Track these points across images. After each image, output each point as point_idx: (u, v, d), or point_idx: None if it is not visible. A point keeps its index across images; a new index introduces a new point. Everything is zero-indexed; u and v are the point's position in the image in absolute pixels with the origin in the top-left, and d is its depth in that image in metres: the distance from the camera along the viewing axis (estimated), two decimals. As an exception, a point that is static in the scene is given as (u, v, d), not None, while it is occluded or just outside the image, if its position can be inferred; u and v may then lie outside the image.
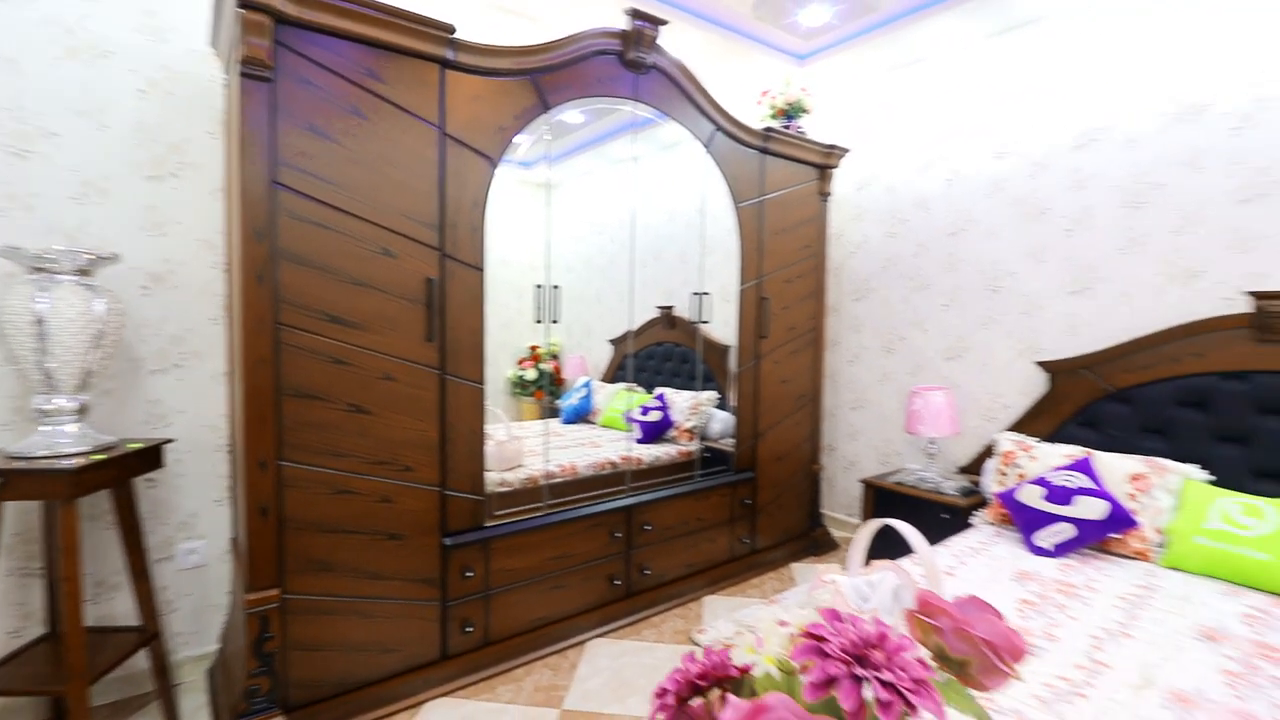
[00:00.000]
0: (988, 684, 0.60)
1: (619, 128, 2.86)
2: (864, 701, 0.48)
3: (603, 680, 2.31)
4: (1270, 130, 2.37)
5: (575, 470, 2.78)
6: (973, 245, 3.25)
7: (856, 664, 0.50)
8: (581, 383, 3.61)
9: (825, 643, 0.52)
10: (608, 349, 3.50)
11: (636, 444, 3.08)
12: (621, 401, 3.35)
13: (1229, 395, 2.44)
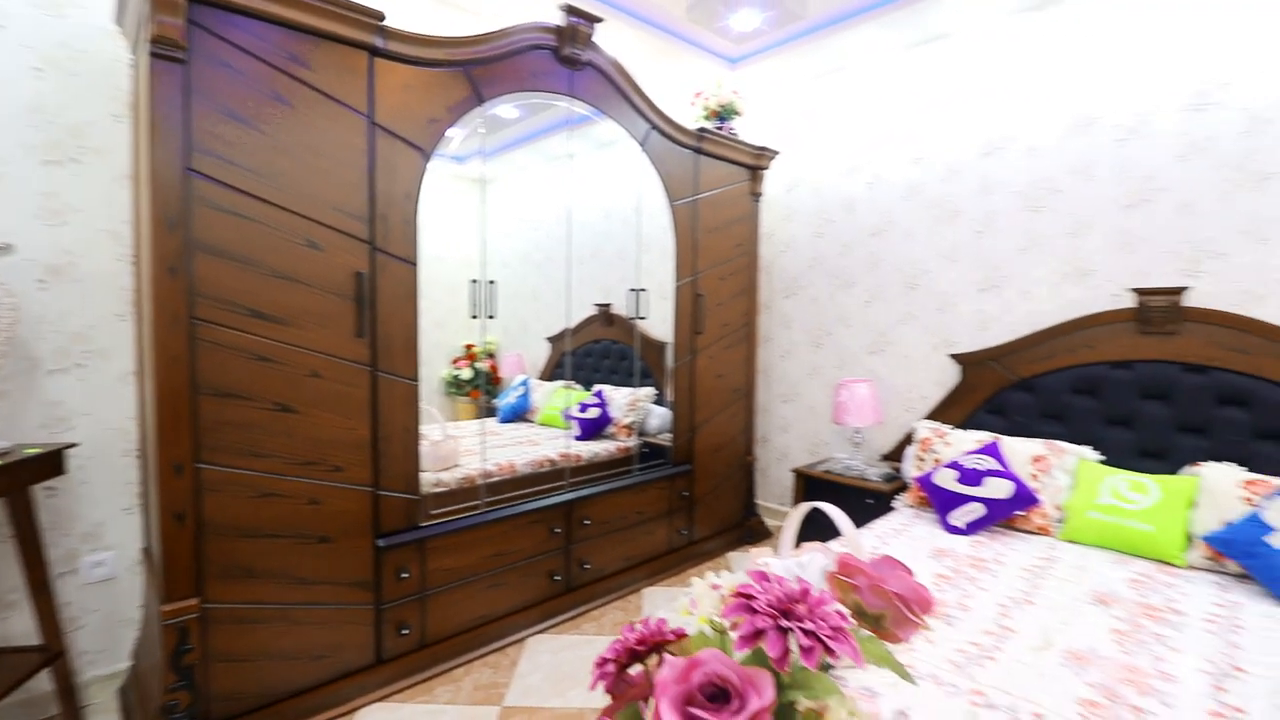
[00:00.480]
0: (901, 635, 0.66)
1: (555, 124, 2.86)
2: (788, 649, 0.52)
3: (543, 675, 2.31)
4: (1151, 142, 2.63)
5: (514, 468, 2.76)
6: (893, 245, 3.43)
7: (782, 617, 0.54)
8: (519, 381, 3.58)
9: (754, 600, 0.56)
10: (545, 347, 3.49)
11: (575, 441, 3.09)
12: (560, 399, 3.35)
13: (1117, 382, 2.69)
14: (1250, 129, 2.41)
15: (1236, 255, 2.46)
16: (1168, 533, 2.20)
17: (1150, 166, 2.64)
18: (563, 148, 2.89)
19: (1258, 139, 2.39)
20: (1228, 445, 2.41)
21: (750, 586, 0.58)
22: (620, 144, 2.96)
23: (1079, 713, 1.35)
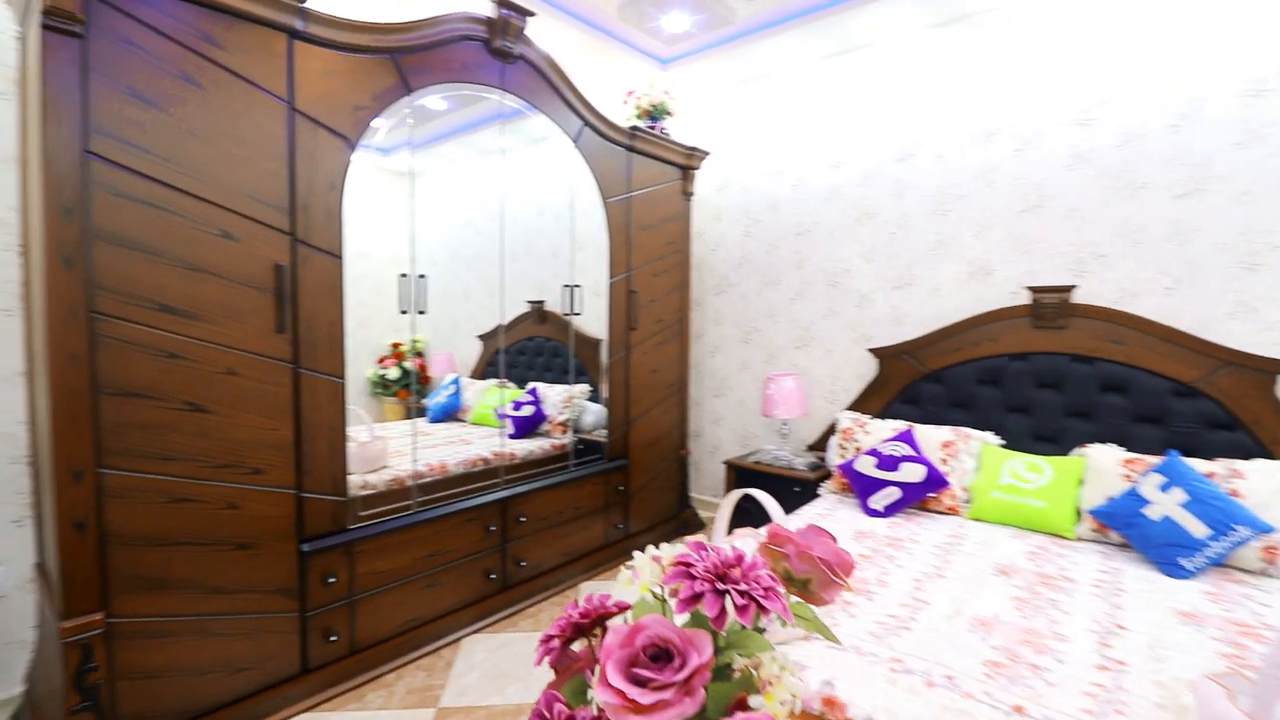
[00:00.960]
0: (827, 598, 0.71)
1: (486, 118, 2.82)
2: (724, 610, 0.56)
3: (480, 674, 2.29)
4: (1043, 153, 2.87)
5: (445, 468, 2.71)
6: (816, 245, 3.59)
7: (718, 581, 0.58)
8: (449, 380, 3.51)
9: (692, 566, 0.59)
10: (477, 345, 3.44)
11: (509, 439, 3.06)
12: (493, 398, 3.31)
13: (1015, 373, 2.92)
14: (1125, 143, 2.68)
15: (1115, 256, 2.73)
16: (1059, 509, 2.42)
17: (1042, 175, 2.88)
18: (494, 142, 2.86)
19: (1131, 152, 2.67)
20: (1110, 428, 2.67)
21: (688, 555, 0.61)
22: (553, 140, 2.96)
23: (984, 672, 1.48)
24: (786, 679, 0.59)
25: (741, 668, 0.60)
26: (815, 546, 0.70)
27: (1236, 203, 2.47)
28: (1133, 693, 1.40)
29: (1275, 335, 2.42)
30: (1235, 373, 2.45)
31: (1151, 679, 1.46)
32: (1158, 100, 2.60)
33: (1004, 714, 1.32)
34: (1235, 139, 2.46)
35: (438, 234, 3.09)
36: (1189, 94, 2.54)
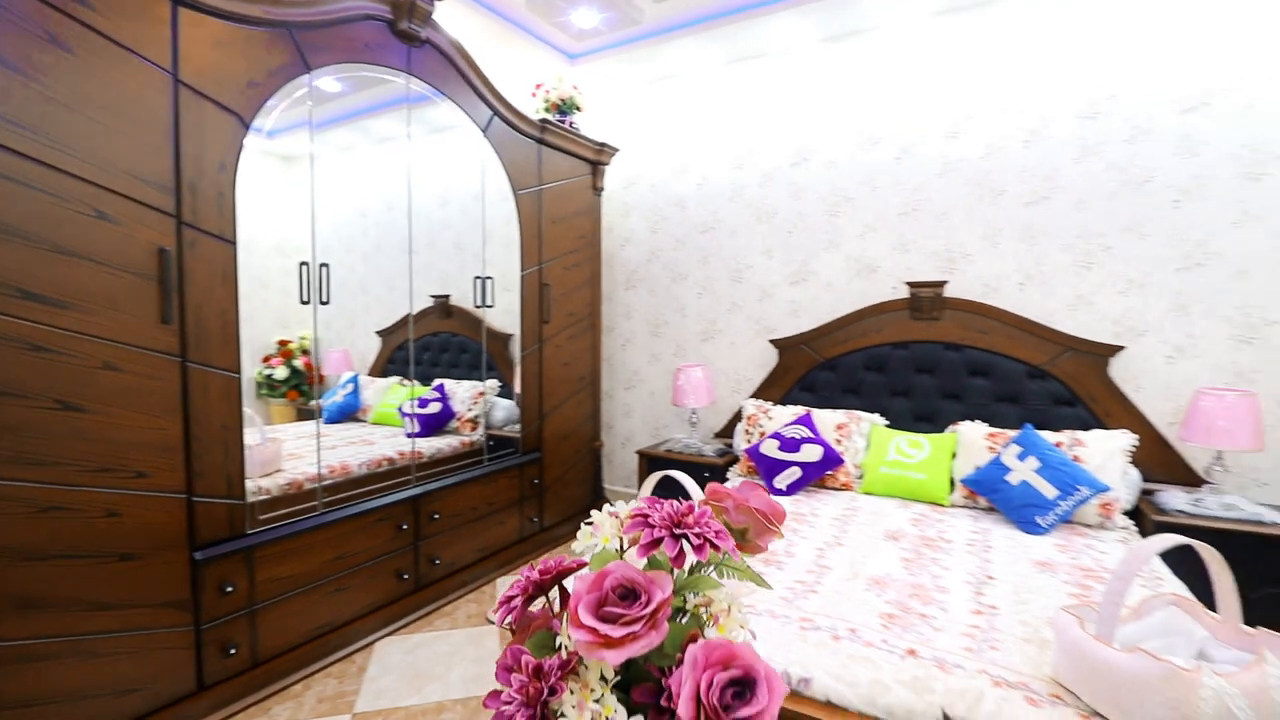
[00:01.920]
0: (763, 544, 0.79)
1: (386, 102, 2.72)
2: (682, 551, 0.61)
3: (396, 676, 2.22)
4: (918, 161, 3.18)
5: (348, 469, 2.58)
6: (720, 242, 3.76)
7: (674, 527, 0.64)
8: (346, 379, 3.34)
9: (649, 516, 0.65)
10: (375, 341, 3.29)
11: (415, 438, 2.96)
12: (396, 396, 3.19)
13: (897, 360, 3.22)
14: (987, 155, 3.03)
15: (978, 255, 3.08)
16: (936, 479, 2.71)
17: (918, 181, 3.20)
18: (396, 129, 2.76)
19: (992, 163, 3.02)
20: (976, 407, 3.02)
21: (643, 509, 0.67)
22: (458, 129, 2.90)
23: (881, 624, 1.65)
24: (734, 612, 0.65)
25: (693, 606, 0.66)
26: (751, 499, 0.77)
27: (1074, 209, 2.86)
28: (1003, 631, 1.62)
29: (1107, 324, 2.84)
30: (1075, 357, 2.84)
31: (1017, 619, 1.68)
32: (1014, 119, 2.96)
33: (899, 657, 1.48)
34: (1074, 154, 2.85)
35: (330, 224, 2.93)
36: (1039, 114, 2.91)
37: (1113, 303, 2.83)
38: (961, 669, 1.44)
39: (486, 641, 2.45)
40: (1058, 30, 2.85)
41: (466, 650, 2.39)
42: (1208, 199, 2.62)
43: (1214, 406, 2.40)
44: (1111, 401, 2.78)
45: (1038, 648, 1.53)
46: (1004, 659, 1.49)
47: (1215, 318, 2.64)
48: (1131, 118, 2.74)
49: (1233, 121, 2.56)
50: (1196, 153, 2.63)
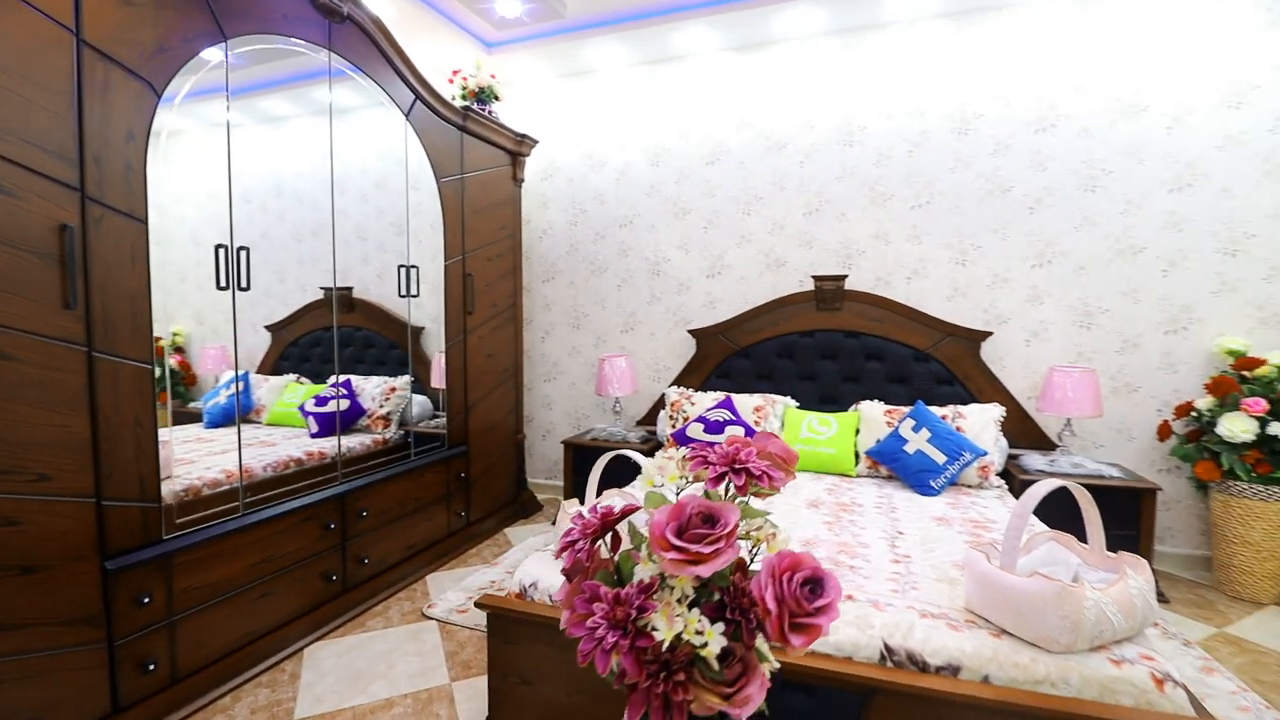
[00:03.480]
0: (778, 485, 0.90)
1: (288, 77, 2.55)
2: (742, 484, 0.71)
3: (335, 679, 2.13)
4: (819, 165, 3.48)
5: (250, 473, 2.37)
6: (639, 236, 3.88)
7: (732, 464, 0.73)
8: (230, 378, 3.10)
9: (707, 456, 0.74)
10: (264, 337, 3.07)
11: (319, 438, 2.79)
12: (293, 394, 2.99)
13: (804, 347, 3.51)
14: (879, 162, 3.37)
15: (871, 252, 3.43)
16: (844, 453, 2.99)
17: (820, 184, 3.50)
18: (287, 108, 2.60)
19: (882, 169, 3.37)
20: (872, 388, 3.36)
21: (699, 450, 0.75)
22: (366, 111, 2.74)
23: (820, 576, 1.83)
24: (779, 535, 0.76)
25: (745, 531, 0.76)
26: (769, 445, 0.88)
27: (951, 213, 3.27)
28: (919, 575, 1.86)
29: (978, 313, 3.27)
30: (953, 342, 3.25)
31: (928, 563, 1.94)
32: (900, 131, 3.33)
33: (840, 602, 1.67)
34: (950, 165, 3.26)
35: (208, 210, 2.69)
36: (920, 128, 3.29)
37: (982, 294, 3.27)
38: (893, 606, 1.65)
39: (426, 637, 2.40)
40: (935, 54, 3.24)
41: (407, 646, 2.33)
42: (1055, 206, 3.11)
43: (1064, 381, 2.85)
44: (983, 380, 3.21)
45: (949, 585, 1.78)
46: (925, 596, 1.72)
47: (1062, 307, 3.14)
48: (995, 135, 3.18)
49: (1073, 142, 3.06)
50: (1045, 167, 3.11)
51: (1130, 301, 3.04)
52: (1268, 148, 2.78)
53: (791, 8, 3.18)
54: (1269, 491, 2.56)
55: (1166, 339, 2.99)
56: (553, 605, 1.81)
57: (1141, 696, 1.36)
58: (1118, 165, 3.00)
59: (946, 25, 3.21)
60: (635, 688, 0.69)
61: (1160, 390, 3.02)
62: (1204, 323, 2.92)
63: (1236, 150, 2.82)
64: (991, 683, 1.44)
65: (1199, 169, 2.88)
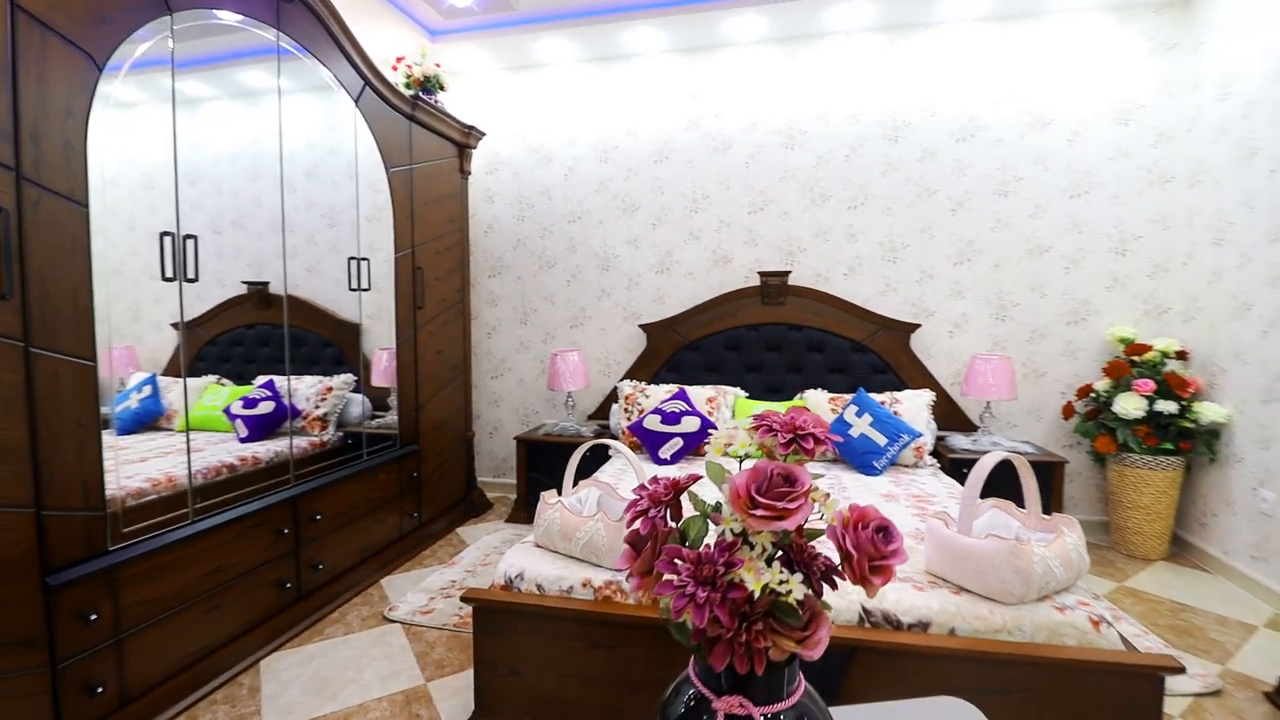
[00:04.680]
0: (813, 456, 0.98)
1: (218, 56, 2.39)
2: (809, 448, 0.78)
3: (300, 688, 2.03)
4: (762, 166, 3.64)
5: (173, 482, 2.19)
6: (587, 232, 3.91)
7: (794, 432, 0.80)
8: (139, 380, 2.86)
9: (772, 425, 0.80)
10: (172, 336, 2.84)
11: (249, 441, 2.61)
12: (215, 397, 2.79)
13: (751, 340, 3.66)
14: (817, 164, 3.57)
15: (812, 249, 3.63)
16: (794, 439, 3.15)
17: (764, 184, 3.66)
18: (199, 91, 2.42)
19: (821, 172, 3.57)
20: (813, 377, 3.55)
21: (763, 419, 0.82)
22: (287, 95, 2.60)
23: (794, 552, 1.95)
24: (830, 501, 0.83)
25: (803, 496, 0.83)
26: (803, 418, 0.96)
27: (883, 214, 3.52)
28: (880, 544, 2.01)
29: (907, 307, 3.53)
30: (886, 334, 3.50)
31: (886, 534, 2.10)
32: (837, 136, 3.54)
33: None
34: (882, 169, 3.50)
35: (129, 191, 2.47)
36: (856, 134, 3.51)
37: (911, 289, 3.53)
38: (865, 575, 1.78)
39: (392, 640, 2.33)
40: (870, 65, 3.47)
41: (373, 651, 2.26)
42: (973, 209, 3.41)
43: (984, 368, 3.14)
44: (913, 369, 3.47)
45: (908, 553, 1.94)
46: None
47: (980, 301, 3.45)
48: (922, 143, 3.44)
49: (989, 151, 3.37)
50: (965, 173, 3.40)
51: (1038, 296, 3.38)
52: (1150, 160, 3.18)
53: (737, 14, 3.31)
54: (1157, 461, 2.94)
55: (1068, 329, 3.36)
56: (540, 594, 1.82)
57: (1082, 637, 1.55)
58: (1027, 173, 3.33)
59: (880, 39, 3.44)
60: (717, 640, 0.74)
61: (1064, 375, 3.38)
62: (1099, 314, 3.31)
63: (1125, 162, 3.21)
64: (957, 634, 1.60)
65: (1095, 178, 3.25)
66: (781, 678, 0.78)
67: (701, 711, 0.79)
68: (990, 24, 3.32)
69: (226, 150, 2.60)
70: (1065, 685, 1.50)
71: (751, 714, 0.76)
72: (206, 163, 2.67)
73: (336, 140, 2.81)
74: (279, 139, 2.50)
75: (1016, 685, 1.52)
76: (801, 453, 0.79)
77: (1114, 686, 1.49)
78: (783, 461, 0.77)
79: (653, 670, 1.69)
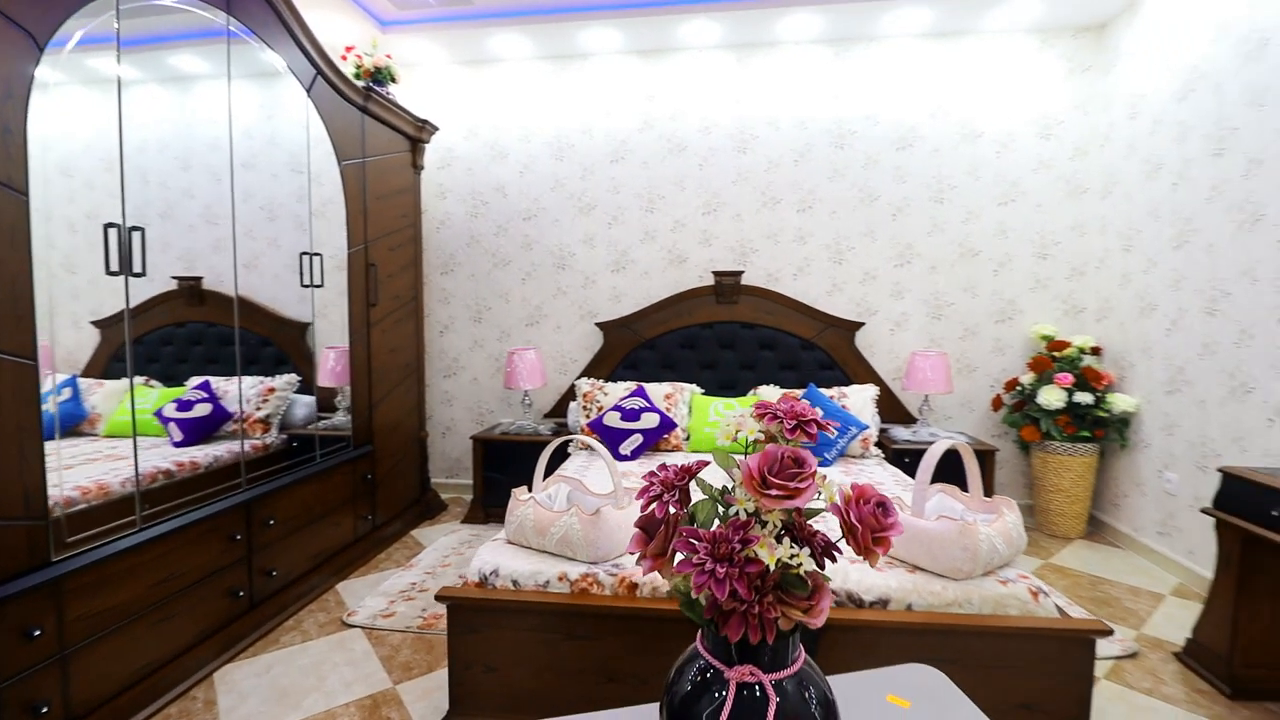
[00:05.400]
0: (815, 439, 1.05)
1: (144, 39, 2.26)
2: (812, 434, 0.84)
3: (260, 699, 1.96)
4: (716, 169, 3.74)
5: (107, 490, 2.05)
6: (543, 230, 3.90)
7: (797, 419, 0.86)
8: (59, 382, 2.66)
9: (777, 412, 0.86)
10: (91, 334, 2.67)
11: (184, 446, 2.46)
12: (143, 399, 2.61)
13: (705, 338, 3.75)
14: (769, 169, 3.70)
15: (764, 250, 3.76)
16: (749, 434, 3.26)
17: (718, 187, 3.76)
18: (125, 73, 2.30)
19: (772, 176, 3.70)
20: (765, 374, 3.68)
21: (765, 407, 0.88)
22: (200, 82, 2.44)
23: (759, 539, 2.03)
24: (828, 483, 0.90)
25: (802, 478, 0.89)
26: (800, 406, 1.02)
27: (830, 217, 3.68)
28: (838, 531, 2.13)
29: (852, 306, 3.71)
30: (833, 331, 3.66)
31: (843, 521, 2.22)
32: (787, 142, 3.67)
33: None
34: (828, 175, 3.66)
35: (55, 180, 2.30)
36: (805, 140, 3.66)
37: (855, 290, 3.71)
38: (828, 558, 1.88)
39: (354, 645, 2.28)
40: (817, 75, 3.63)
41: (335, 657, 2.20)
42: (912, 215, 3.62)
43: (923, 364, 3.34)
44: (857, 365, 3.65)
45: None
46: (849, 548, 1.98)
47: (918, 301, 3.66)
48: (865, 150, 3.62)
49: (926, 160, 3.58)
50: (905, 181, 3.61)
51: (970, 296, 3.62)
52: (1068, 172, 3.47)
53: (692, 19, 3.39)
54: (1075, 448, 3.21)
55: (997, 327, 3.61)
56: (516, 590, 1.83)
57: (1024, 607, 1.70)
58: (960, 181, 3.57)
59: (827, 50, 3.60)
60: (730, 614, 0.80)
61: (993, 370, 3.64)
62: (1024, 314, 3.58)
63: (1046, 173, 3.49)
64: (914, 610, 1.72)
65: (1020, 187, 3.52)
66: (786, 647, 0.84)
67: (713, 683, 0.84)
68: (928, 41, 3.54)
69: (154, 138, 2.46)
70: (1010, 651, 1.64)
71: (761, 680, 0.82)
72: (131, 150, 2.52)
73: (276, 129, 2.69)
74: (229, 127, 2.39)
75: (968, 653, 1.65)
76: (805, 436, 0.85)
77: (1052, 651, 1.65)
78: (790, 446, 0.83)
79: (629, 658, 1.73)
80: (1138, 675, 2.09)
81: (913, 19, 3.36)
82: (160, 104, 2.41)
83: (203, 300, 2.82)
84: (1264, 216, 2.38)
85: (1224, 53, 2.57)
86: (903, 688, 1.18)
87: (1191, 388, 2.76)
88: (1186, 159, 2.78)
